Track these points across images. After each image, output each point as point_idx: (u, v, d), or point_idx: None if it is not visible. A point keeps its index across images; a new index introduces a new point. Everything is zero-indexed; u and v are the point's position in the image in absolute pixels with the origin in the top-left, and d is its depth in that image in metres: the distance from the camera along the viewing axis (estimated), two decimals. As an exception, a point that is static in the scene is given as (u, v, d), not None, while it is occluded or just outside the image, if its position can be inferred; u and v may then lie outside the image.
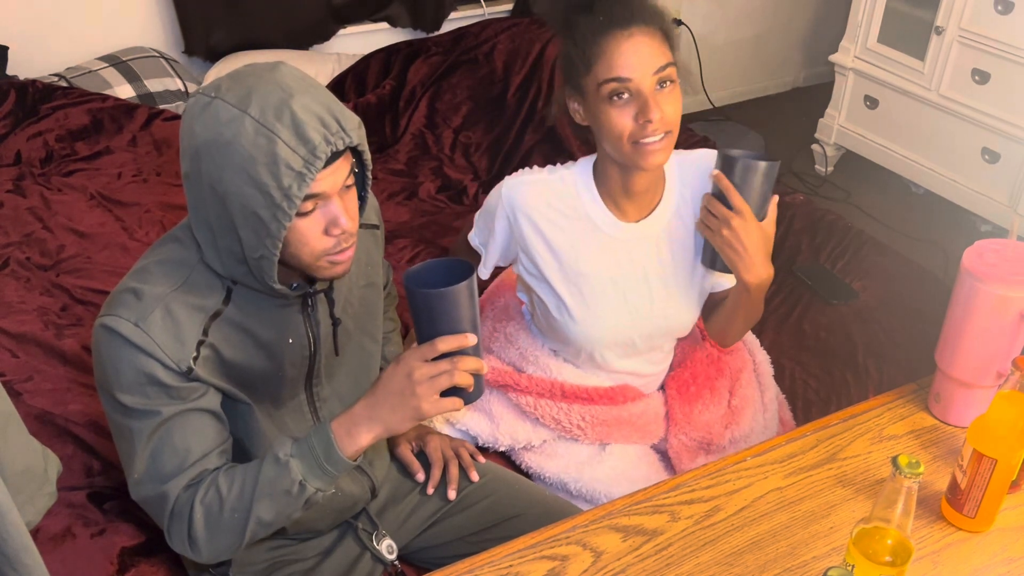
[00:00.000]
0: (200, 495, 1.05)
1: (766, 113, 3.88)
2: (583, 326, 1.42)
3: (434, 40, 2.86)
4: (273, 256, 0.99)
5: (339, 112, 0.98)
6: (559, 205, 1.36)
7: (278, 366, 1.12)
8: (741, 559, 1.08)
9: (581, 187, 1.36)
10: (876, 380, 1.78)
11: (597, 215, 1.36)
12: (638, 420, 1.54)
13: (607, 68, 1.21)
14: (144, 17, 2.65)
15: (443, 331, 1.01)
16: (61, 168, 2.29)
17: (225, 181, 0.95)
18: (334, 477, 1.06)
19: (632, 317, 1.42)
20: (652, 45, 1.21)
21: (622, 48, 1.20)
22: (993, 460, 1.05)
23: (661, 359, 1.57)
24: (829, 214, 2.29)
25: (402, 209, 2.42)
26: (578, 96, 1.29)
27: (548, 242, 1.37)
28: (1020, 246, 1.19)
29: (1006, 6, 2.60)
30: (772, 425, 1.62)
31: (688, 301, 1.44)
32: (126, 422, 1.04)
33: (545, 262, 1.39)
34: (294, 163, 0.94)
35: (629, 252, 1.39)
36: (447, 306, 0.99)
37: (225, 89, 0.96)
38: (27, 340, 1.70)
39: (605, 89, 1.22)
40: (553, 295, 1.42)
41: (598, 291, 1.40)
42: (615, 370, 1.52)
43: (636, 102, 1.22)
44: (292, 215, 0.96)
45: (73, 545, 1.32)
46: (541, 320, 1.51)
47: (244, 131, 0.93)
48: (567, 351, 1.53)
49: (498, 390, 1.56)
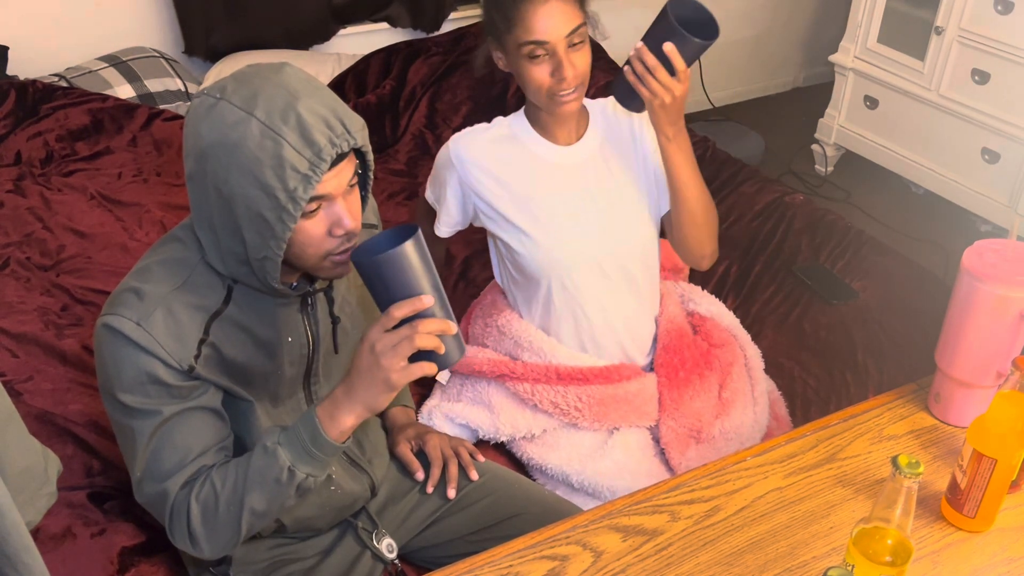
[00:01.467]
0: (196, 491, 1.06)
1: (766, 113, 3.88)
2: (544, 249, 1.51)
3: (434, 40, 2.86)
4: (277, 257, 0.99)
5: (344, 114, 0.98)
6: (501, 145, 1.52)
7: (277, 365, 1.13)
8: (741, 559, 1.08)
9: (516, 127, 1.53)
10: (876, 380, 1.78)
11: (534, 145, 1.51)
12: (635, 399, 1.56)
13: (525, 31, 1.35)
14: (144, 17, 2.65)
15: (398, 297, 0.97)
16: (61, 168, 2.29)
17: (231, 183, 0.95)
18: (323, 461, 1.06)
19: (587, 234, 1.51)
20: (565, 10, 1.35)
21: (539, 13, 1.34)
22: (993, 460, 1.05)
23: (639, 303, 1.60)
24: (829, 214, 2.29)
25: (402, 209, 2.42)
26: (500, 49, 1.43)
27: (496, 177, 1.50)
28: (1020, 246, 1.19)
29: (1006, 6, 2.60)
30: (763, 419, 1.63)
31: (639, 216, 1.54)
32: (128, 422, 1.04)
33: (498, 197, 1.51)
34: (300, 166, 0.94)
35: (570, 175, 1.51)
36: (395, 271, 0.96)
37: (231, 91, 0.96)
38: (27, 340, 1.70)
39: (524, 50, 1.37)
40: (512, 227, 1.51)
41: (548, 211, 1.50)
42: (600, 308, 1.55)
43: (552, 61, 1.37)
44: (297, 217, 0.96)
45: (73, 545, 1.32)
46: (511, 270, 1.58)
47: (250, 133, 0.93)
48: (552, 310, 1.56)
49: (495, 381, 1.59)
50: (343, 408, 1.03)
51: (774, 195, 2.35)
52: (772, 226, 2.25)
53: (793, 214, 2.28)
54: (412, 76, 2.75)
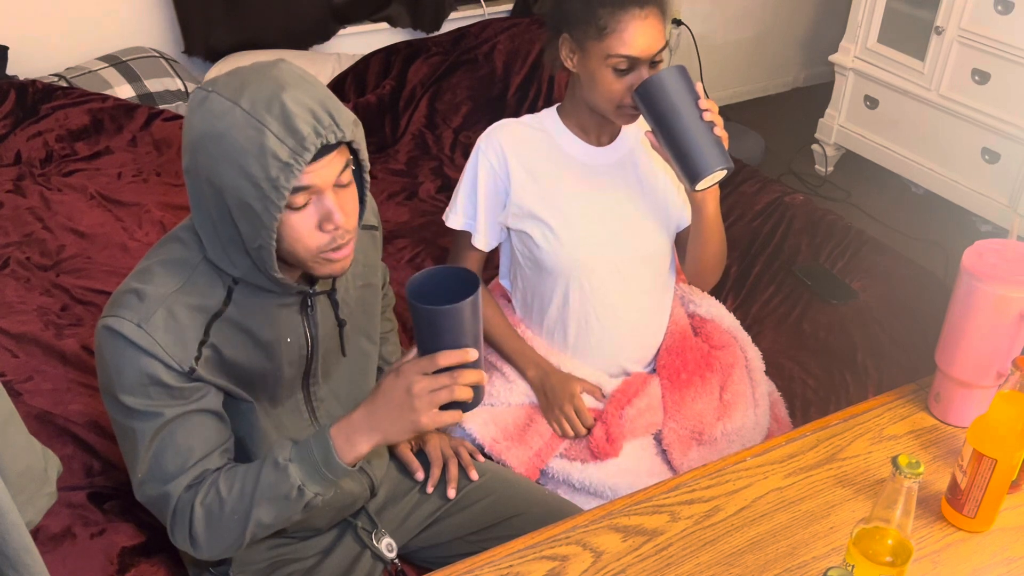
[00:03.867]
0: (201, 496, 1.05)
1: (766, 113, 3.88)
2: (568, 247, 1.49)
3: (434, 40, 2.86)
4: (271, 245, 0.99)
5: (333, 107, 0.98)
6: (534, 138, 1.51)
7: (276, 365, 1.13)
8: (741, 559, 1.08)
9: (548, 124, 1.52)
10: (876, 380, 1.78)
11: (565, 142, 1.51)
12: (645, 414, 1.56)
13: (620, 44, 1.33)
14: (144, 17, 2.65)
15: (445, 345, 0.99)
16: (61, 168, 2.28)
17: (220, 173, 0.95)
18: (333, 483, 1.06)
19: (610, 236, 1.51)
20: (658, 29, 1.35)
21: (638, 29, 1.32)
22: (993, 460, 1.05)
23: (650, 311, 1.61)
24: (829, 214, 2.29)
25: (402, 209, 2.42)
26: (577, 48, 1.39)
27: (529, 169, 1.49)
28: (1020, 246, 1.19)
29: (1006, 6, 2.60)
30: (763, 421, 1.63)
31: (658, 226, 1.54)
32: (129, 423, 1.04)
33: (528, 191, 1.49)
34: (281, 153, 0.93)
35: (599, 175, 1.51)
36: (451, 322, 0.98)
37: (221, 84, 0.96)
38: (27, 340, 1.70)
39: (611, 61, 1.34)
40: (539, 223, 1.50)
41: (577, 210, 1.50)
42: (611, 312, 1.55)
43: (634, 75, 1.35)
44: (282, 206, 0.95)
45: (73, 545, 1.32)
46: (525, 267, 1.57)
47: (235, 123, 0.93)
48: (561, 311, 1.56)
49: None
50: (361, 434, 1.03)
51: (774, 195, 2.35)
52: (772, 226, 2.25)
53: (793, 214, 2.28)
54: (412, 76, 2.75)
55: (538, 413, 1.55)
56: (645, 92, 1.29)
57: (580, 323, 1.56)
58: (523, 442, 1.52)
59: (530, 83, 2.74)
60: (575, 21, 1.37)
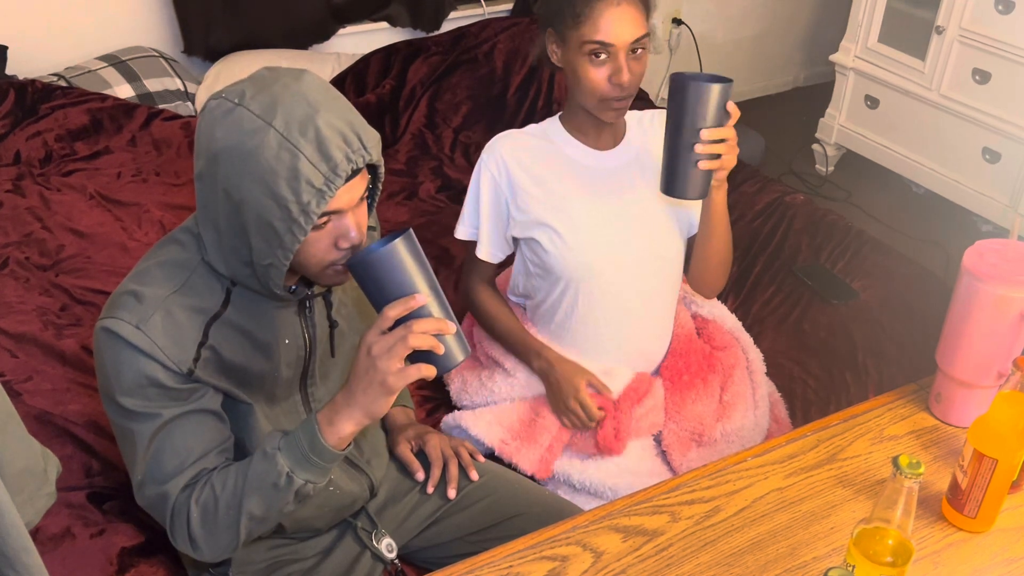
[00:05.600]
0: (196, 494, 1.06)
1: (766, 113, 3.87)
2: (576, 251, 1.49)
3: (434, 40, 2.85)
4: (283, 265, 0.99)
5: (361, 128, 0.98)
6: (537, 146, 1.52)
7: (274, 366, 1.13)
8: (741, 559, 1.08)
9: (551, 131, 1.53)
10: (876, 380, 1.78)
11: (568, 148, 1.51)
12: (648, 415, 1.56)
13: (593, 30, 1.34)
14: (143, 17, 2.64)
15: (393, 298, 0.96)
16: (60, 168, 2.28)
17: (242, 189, 0.95)
18: (322, 468, 1.05)
19: (619, 240, 1.51)
20: (635, 17, 1.35)
21: (612, 15, 1.34)
22: (994, 460, 1.05)
23: (657, 316, 1.60)
24: (829, 214, 2.29)
25: (402, 209, 2.42)
26: (559, 42, 1.41)
27: (533, 176, 1.50)
28: (1021, 246, 1.19)
29: (1006, 6, 2.60)
30: (764, 422, 1.63)
31: (667, 230, 1.54)
32: (128, 425, 1.04)
33: (533, 198, 1.50)
34: (315, 180, 0.94)
35: (604, 179, 1.51)
36: (387, 270, 0.95)
37: (249, 97, 0.95)
38: (27, 340, 1.70)
39: (587, 48, 1.36)
40: (546, 228, 1.50)
41: (584, 214, 1.50)
42: (618, 316, 1.55)
43: (611, 64, 1.37)
44: (308, 230, 0.96)
45: (73, 545, 1.31)
46: (533, 272, 1.57)
47: (267, 143, 0.93)
48: (567, 315, 1.55)
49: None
50: (343, 414, 1.02)
51: (774, 195, 2.35)
52: (772, 226, 2.25)
53: (793, 214, 2.28)
54: (412, 76, 2.74)
55: (543, 406, 1.55)
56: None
57: (588, 326, 1.56)
58: (532, 439, 1.52)
59: (530, 83, 2.74)
60: (557, 12, 1.39)
